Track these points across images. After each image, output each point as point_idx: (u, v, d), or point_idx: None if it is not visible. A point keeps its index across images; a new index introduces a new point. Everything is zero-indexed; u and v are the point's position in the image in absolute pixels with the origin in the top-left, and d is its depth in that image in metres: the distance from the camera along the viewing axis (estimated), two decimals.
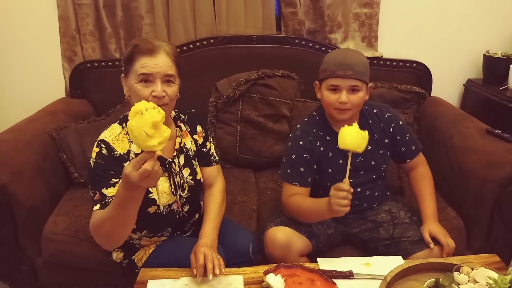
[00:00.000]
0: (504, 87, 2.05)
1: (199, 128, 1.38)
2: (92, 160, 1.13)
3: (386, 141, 1.42)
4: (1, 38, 2.14)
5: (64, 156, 1.72)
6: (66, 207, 1.60)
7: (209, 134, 1.49)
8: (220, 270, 1.09)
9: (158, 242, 1.32)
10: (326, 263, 1.20)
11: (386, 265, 1.11)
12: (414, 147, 1.45)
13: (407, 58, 2.13)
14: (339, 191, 1.12)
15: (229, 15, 2.10)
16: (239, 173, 1.92)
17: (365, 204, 1.45)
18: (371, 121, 1.41)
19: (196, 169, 1.34)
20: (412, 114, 1.99)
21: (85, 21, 2.06)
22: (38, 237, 1.51)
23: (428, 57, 2.14)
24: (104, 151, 1.13)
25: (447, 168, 1.69)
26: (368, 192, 1.43)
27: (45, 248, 1.51)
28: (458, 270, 1.02)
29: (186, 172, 1.31)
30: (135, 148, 1.17)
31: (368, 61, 2.08)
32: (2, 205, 1.40)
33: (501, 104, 1.95)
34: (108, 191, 1.09)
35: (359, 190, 1.39)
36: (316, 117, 1.43)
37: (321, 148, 1.39)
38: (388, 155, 1.45)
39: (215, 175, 1.41)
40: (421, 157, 1.48)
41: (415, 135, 1.85)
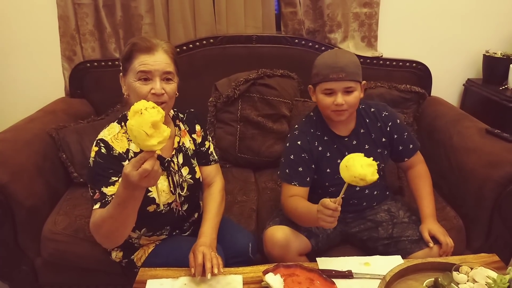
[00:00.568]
0: (504, 87, 2.05)
1: (198, 127, 1.38)
2: (91, 159, 1.13)
3: (384, 140, 1.42)
4: (1, 38, 2.14)
5: (64, 156, 1.72)
6: (66, 207, 1.60)
7: (209, 134, 1.49)
8: (219, 270, 1.09)
9: (157, 242, 1.32)
10: (325, 263, 1.19)
11: (385, 265, 1.11)
12: (412, 146, 1.45)
13: (407, 58, 2.13)
14: (326, 209, 1.08)
15: (229, 15, 2.10)
16: (239, 173, 1.92)
17: (364, 204, 1.45)
18: (368, 120, 1.41)
19: (195, 168, 1.34)
20: (412, 114, 1.99)
21: (85, 21, 2.06)
22: (38, 237, 1.51)
23: (428, 57, 2.14)
24: (103, 150, 1.13)
25: (447, 168, 1.69)
26: (367, 191, 1.43)
27: (45, 248, 1.51)
28: (457, 270, 1.02)
29: (185, 171, 1.31)
30: (134, 147, 1.18)
31: (368, 61, 2.11)
32: (2, 205, 1.40)
33: (501, 104, 1.95)
34: (108, 190, 1.10)
35: (358, 189, 1.39)
36: (313, 117, 1.43)
37: (319, 148, 1.39)
38: (386, 154, 1.44)
39: (214, 174, 1.41)
40: (419, 156, 1.48)
41: (415, 135, 1.85)
